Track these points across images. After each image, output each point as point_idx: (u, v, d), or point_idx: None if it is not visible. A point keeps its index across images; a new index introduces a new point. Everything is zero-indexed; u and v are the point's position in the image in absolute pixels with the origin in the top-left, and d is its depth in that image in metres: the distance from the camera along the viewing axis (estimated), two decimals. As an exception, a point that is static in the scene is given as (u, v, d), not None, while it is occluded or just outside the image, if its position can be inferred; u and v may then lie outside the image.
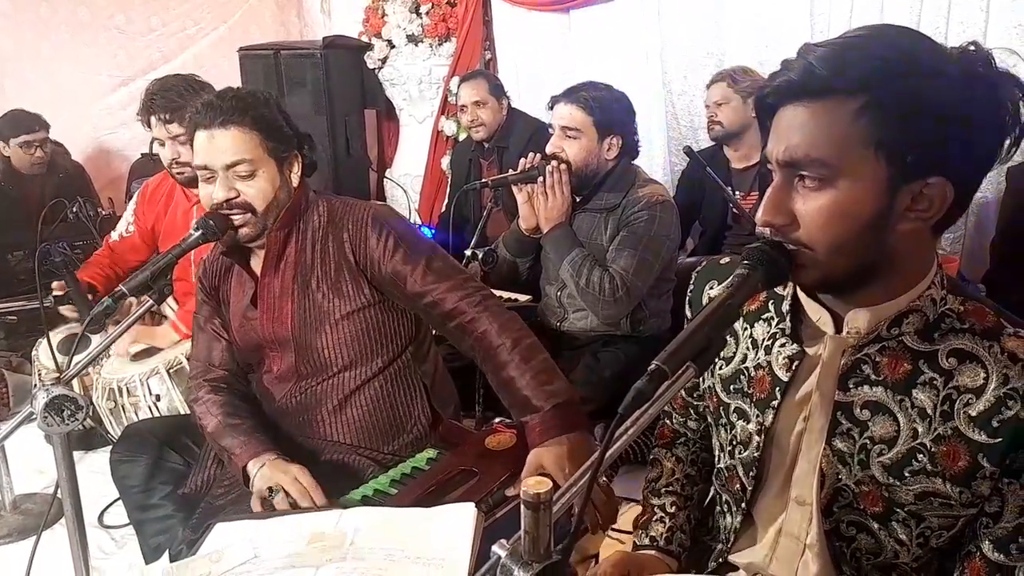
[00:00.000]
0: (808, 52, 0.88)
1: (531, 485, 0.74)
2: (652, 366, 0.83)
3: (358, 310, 1.61)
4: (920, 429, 0.94)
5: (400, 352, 1.68)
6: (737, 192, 3.07)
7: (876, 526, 0.99)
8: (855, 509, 1.00)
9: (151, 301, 1.64)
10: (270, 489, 1.45)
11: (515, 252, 2.55)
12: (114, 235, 2.61)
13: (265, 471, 1.49)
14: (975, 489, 0.92)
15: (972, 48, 0.87)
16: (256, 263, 1.67)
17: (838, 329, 0.99)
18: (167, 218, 2.50)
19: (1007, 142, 0.88)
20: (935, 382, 0.93)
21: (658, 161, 3.82)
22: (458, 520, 1.24)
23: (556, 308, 2.52)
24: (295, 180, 1.63)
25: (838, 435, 0.99)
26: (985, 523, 0.94)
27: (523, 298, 2.59)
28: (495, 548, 0.78)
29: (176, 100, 2.22)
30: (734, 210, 3.04)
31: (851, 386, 0.98)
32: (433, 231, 3.89)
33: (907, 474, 0.94)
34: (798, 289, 1.03)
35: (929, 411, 0.93)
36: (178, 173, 2.31)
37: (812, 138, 0.87)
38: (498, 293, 2.02)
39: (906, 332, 0.95)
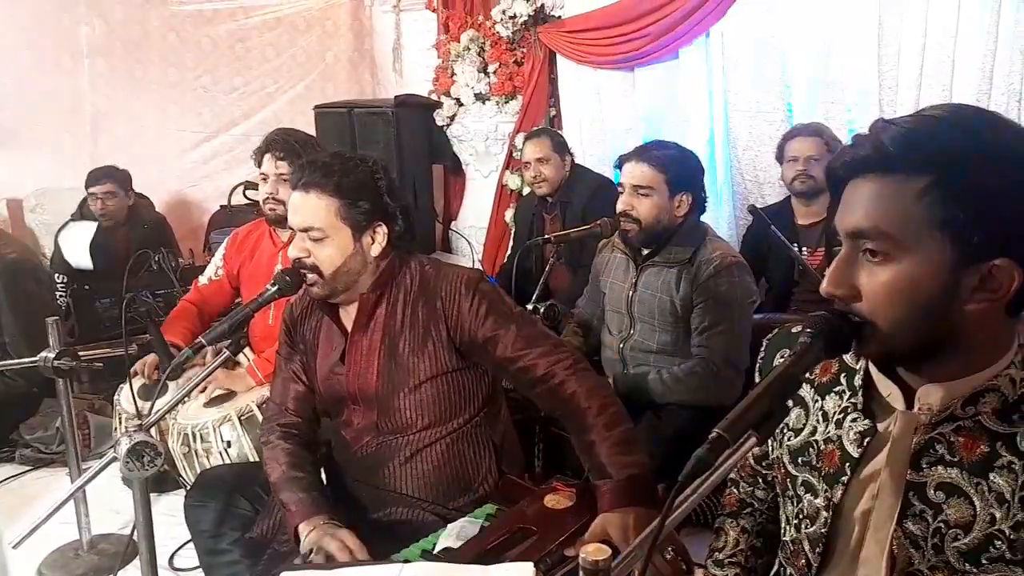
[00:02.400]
0: (880, 129, 0.89)
1: (590, 552, 0.75)
2: (713, 434, 0.83)
3: (441, 374, 1.64)
4: (998, 515, 0.90)
5: (477, 413, 1.70)
6: (804, 248, 3.04)
7: None
8: None
9: (227, 352, 1.72)
10: (310, 552, 1.49)
11: None
12: (203, 279, 2.78)
13: (313, 536, 1.52)
14: None
15: None
16: (345, 317, 1.72)
17: (909, 405, 0.97)
18: (252, 263, 2.65)
19: None
20: (1013, 466, 0.90)
21: (724, 216, 3.80)
22: (517, 580, 1.25)
23: (616, 362, 2.51)
24: (375, 250, 1.64)
25: (910, 517, 0.95)
26: None
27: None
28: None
29: (294, 144, 2.46)
30: (800, 267, 3.00)
31: (924, 466, 0.95)
32: (494, 282, 3.94)
33: (984, 561, 0.90)
34: (870, 363, 1.01)
35: (1007, 496, 0.90)
36: (271, 209, 2.49)
37: (879, 211, 0.88)
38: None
39: (983, 412, 0.92)
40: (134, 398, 2.02)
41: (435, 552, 1.47)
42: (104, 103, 4.68)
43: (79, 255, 2.02)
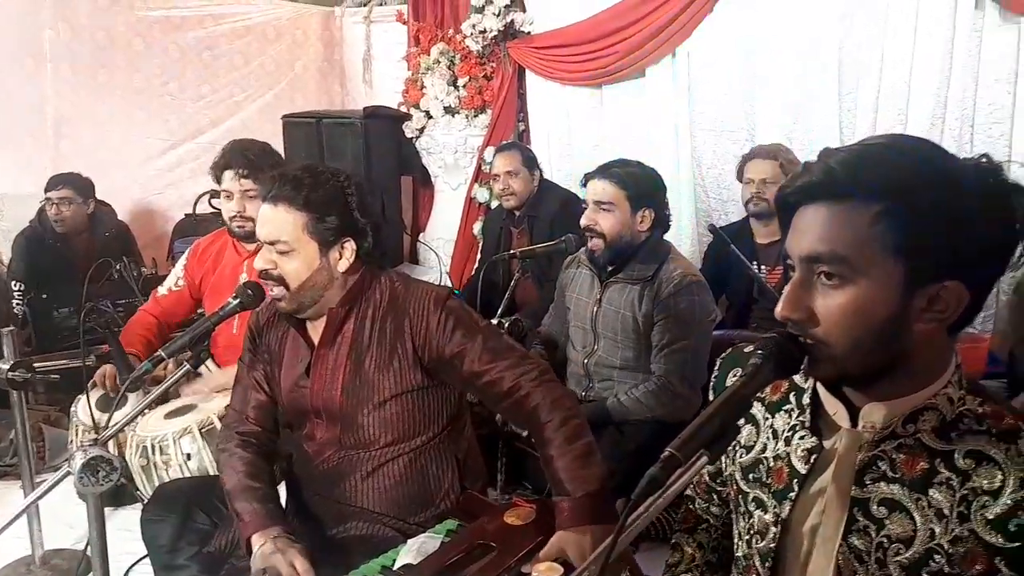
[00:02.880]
0: (828, 156, 0.92)
1: (542, 571, 0.76)
2: (666, 453, 0.85)
3: (406, 392, 1.64)
4: (937, 530, 0.93)
5: (441, 430, 1.71)
6: (763, 266, 3.10)
7: None
8: None
9: (187, 366, 1.71)
10: (264, 571, 1.48)
11: None
12: (162, 289, 2.72)
13: (265, 550, 1.52)
14: None
15: (984, 161, 0.91)
16: (312, 330, 1.71)
17: (854, 423, 1.00)
18: (216, 275, 2.62)
19: (1020, 249, 0.91)
20: (951, 482, 0.93)
21: (686, 233, 3.86)
22: (475, 596, 1.25)
23: (581, 377, 2.54)
24: (342, 266, 1.63)
25: (855, 532, 0.98)
26: None
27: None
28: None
29: (255, 160, 2.42)
30: (759, 285, 3.06)
31: (868, 482, 0.98)
32: (461, 295, 3.95)
33: (925, 574, 0.93)
34: (818, 382, 1.05)
35: (946, 511, 0.92)
36: (238, 226, 2.47)
37: (832, 235, 0.91)
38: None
39: (922, 430, 0.95)
40: (91, 410, 1.98)
41: (394, 568, 1.47)
42: (67, 108, 4.59)
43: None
